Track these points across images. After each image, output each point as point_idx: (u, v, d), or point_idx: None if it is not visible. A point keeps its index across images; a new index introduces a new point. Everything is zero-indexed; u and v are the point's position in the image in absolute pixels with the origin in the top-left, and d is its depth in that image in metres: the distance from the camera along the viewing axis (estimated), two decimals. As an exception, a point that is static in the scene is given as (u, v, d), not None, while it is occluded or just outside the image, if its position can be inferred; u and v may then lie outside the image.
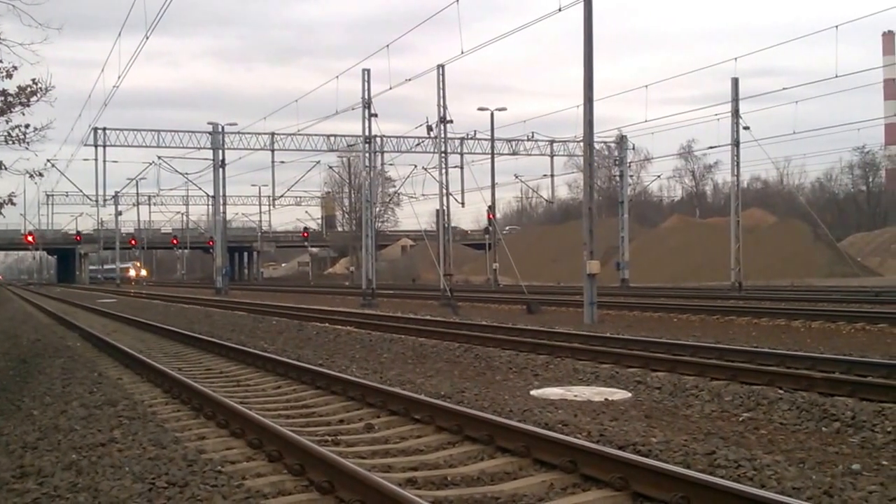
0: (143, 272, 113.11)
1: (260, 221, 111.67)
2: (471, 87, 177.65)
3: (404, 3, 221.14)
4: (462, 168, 57.20)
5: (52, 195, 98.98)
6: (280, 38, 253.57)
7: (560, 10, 25.43)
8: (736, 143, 40.45)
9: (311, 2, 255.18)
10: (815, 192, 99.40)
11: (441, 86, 38.29)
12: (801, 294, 34.00)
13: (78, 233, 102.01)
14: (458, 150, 57.17)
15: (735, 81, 39.88)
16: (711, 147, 59.01)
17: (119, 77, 47.96)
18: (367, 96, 38.52)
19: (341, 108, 44.37)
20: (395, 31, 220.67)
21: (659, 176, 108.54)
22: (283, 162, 59.75)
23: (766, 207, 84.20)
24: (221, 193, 55.65)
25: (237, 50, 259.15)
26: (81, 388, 12.46)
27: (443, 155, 39.61)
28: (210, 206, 75.26)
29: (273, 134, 56.61)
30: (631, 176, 64.48)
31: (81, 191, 69.65)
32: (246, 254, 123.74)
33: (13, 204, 18.70)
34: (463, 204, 56.00)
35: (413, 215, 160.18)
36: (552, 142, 60.24)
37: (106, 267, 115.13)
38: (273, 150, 56.81)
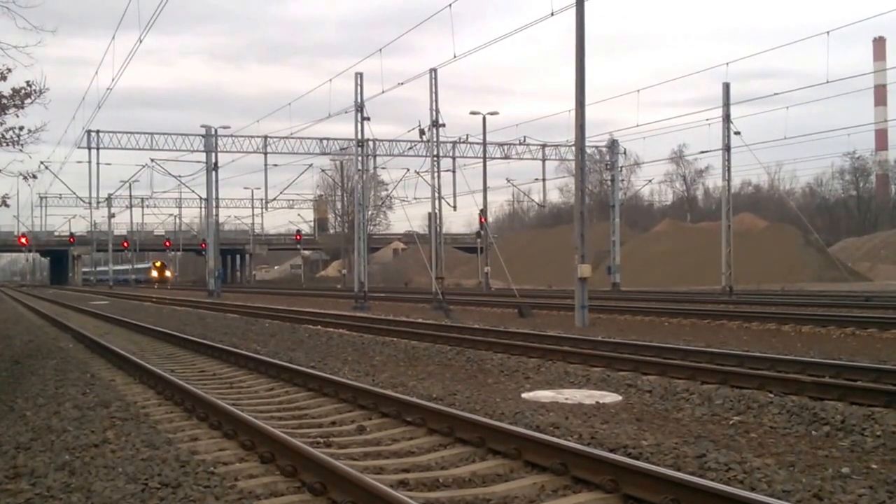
0: (168, 273, 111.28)
1: (252, 224, 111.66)
2: (464, 89, 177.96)
3: (398, 1, 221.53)
4: (454, 172, 57.32)
5: (46, 197, 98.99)
6: (271, 36, 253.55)
7: (553, 14, 25.53)
8: (727, 148, 40.59)
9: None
10: (805, 196, 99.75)
11: (433, 90, 38.34)
12: (791, 298, 34.10)
13: (71, 235, 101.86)
14: (451, 154, 57.24)
15: (726, 87, 40.00)
16: (703, 151, 59.25)
17: (113, 80, 47.93)
18: (359, 100, 38.54)
19: (334, 111, 44.49)
20: (387, 28, 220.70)
21: (650, 180, 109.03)
22: (275, 165, 59.83)
23: (756, 212, 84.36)
24: (214, 196, 55.63)
25: (228, 48, 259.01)
26: (74, 389, 12.46)
27: (435, 159, 39.65)
28: (203, 209, 75.34)
29: (266, 137, 56.68)
30: (622, 180, 64.75)
31: (75, 193, 69.72)
32: (238, 256, 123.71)
33: (7, 206, 18.75)
34: (455, 207, 56.16)
35: (405, 218, 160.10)
36: (544, 146, 60.38)
37: (99, 269, 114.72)
38: (266, 153, 56.84)
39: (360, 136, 39.33)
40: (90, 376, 13.95)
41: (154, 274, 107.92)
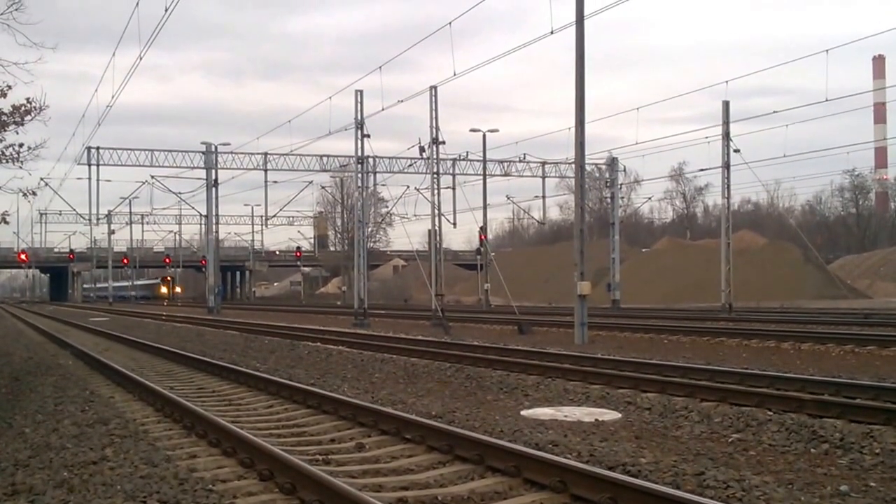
0: (178, 289, 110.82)
1: (252, 241, 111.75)
2: (464, 105, 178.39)
3: (397, 18, 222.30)
4: (454, 189, 57.38)
5: (46, 213, 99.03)
6: (272, 53, 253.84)
7: (552, 32, 25.64)
8: (726, 166, 40.64)
9: (302, 15, 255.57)
10: (805, 214, 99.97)
11: (433, 107, 38.43)
12: (790, 316, 34.08)
13: (71, 251, 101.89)
14: (451, 171, 57.32)
15: (726, 105, 40.09)
16: (702, 169, 59.41)
17: (113, 96, 47.93)
18: (359, 117, 38.64)
19: (334, 128, 44.59)
20: (388, 44, 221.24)
21: (650, 198, 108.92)
22: (276, 182, 59.83)
23: (756, 229, 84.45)
24: (214, 213, 55.66)
25: (228, 64, 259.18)
26: (73, 406, 12.47)
27: (435, 176, 39.72)
28: (203, 226, 75.39)
29: (266, 154, 56.73)
30: (622, 198, 64.83)
31: (75, 209, 69.76)
32: (238, 273, 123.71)
33: (6, 223, 18.73)
34: (455, 224, 56.24)
35: (405, 235, 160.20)
36: (544, 163, 60.46)
37: (99, 285, 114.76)
38: (266, 170, 56.89)
39: (360, 154, 39.41)
40: (89, 393, 13.95)
41: (164, 290, 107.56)
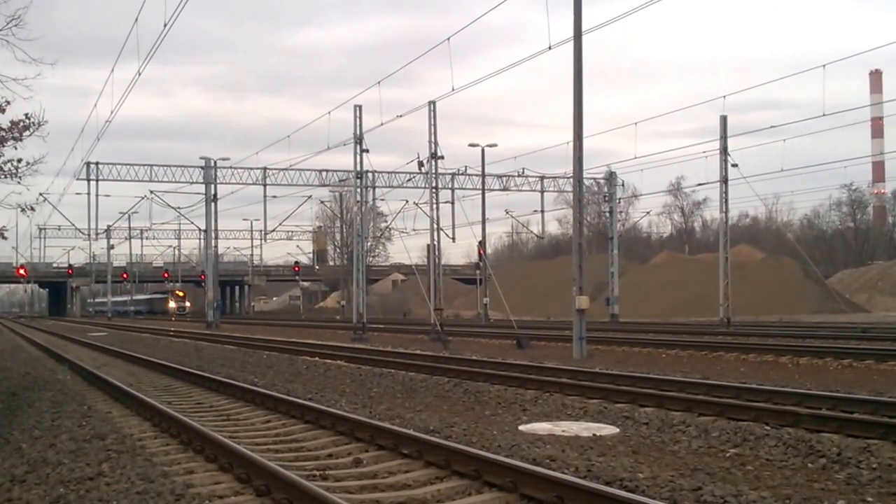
0: (188, 303, 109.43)
1: (251, 255, 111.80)
2: (463, 119, 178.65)
3: (397, 33, 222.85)
4: (453, 203, 57.44)
5: (45, 228, 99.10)
6: (271, 67, 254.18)
7: (550, 48, 25.77)
8: (724, 181, 40.68)
9: (302, 30, 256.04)
10: (803, 228, 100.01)
11: (432, 122, 38.53)
12: (788, 330, 34.06)
13: (70, 266, 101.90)
14: (450, 186, 57.39)
15: (723, 120, 40.19)
16: (700, 184, 59.40)
17: (112, 111, 47.99)
18: (358, 132, 38.73)
19: (333, 143, 44.80)
20: (387, 58, 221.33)
21: (648, 212, 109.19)
22: (275, 196, 59.90)
23: (754, 244, 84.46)
24: (213, 227, 55.70)
25: (228, 78, 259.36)
26: (70, 421, 12.45)
27: (434, 190, 39.78)
28: (202, 240, 75.47)
29: (265, 168, 56.83)
30: (620, 212, 64.94)
31: (74, 224, 69.91)
32: (237, 287, 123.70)
33: (5, 238, 18.74)
34: (454, 239, 56.25)
35: (404, 250, 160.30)
36: (542, 178, 60.58)
37: (98, 300, 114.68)
38: (265, 185, 56.96)
39: (359, 168, 39.48)
40: (87, 408, 13.94)
41: (172, 304, 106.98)
